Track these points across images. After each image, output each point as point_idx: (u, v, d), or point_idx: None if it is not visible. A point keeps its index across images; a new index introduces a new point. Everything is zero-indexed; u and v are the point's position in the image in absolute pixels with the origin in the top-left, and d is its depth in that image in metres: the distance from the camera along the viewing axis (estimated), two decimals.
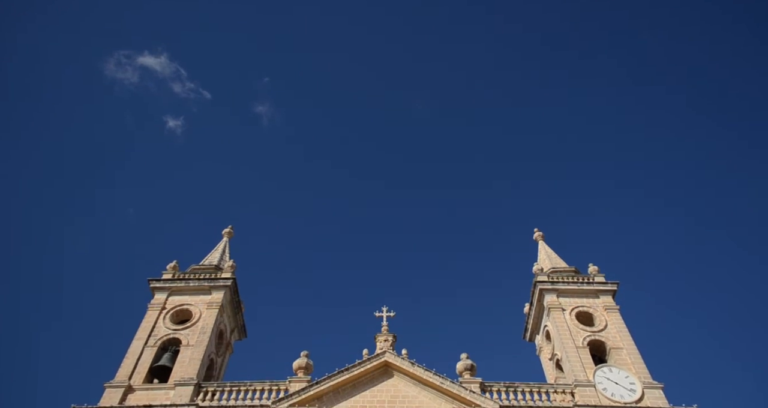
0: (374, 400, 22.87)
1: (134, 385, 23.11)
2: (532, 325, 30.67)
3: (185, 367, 24.01)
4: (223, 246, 33.07)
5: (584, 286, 28.52)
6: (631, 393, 23.19)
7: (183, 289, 27.94)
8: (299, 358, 24.52)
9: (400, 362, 23.89)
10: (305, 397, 22.34)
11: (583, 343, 25.69)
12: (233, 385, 23.37)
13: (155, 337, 25.44)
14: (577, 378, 23.87)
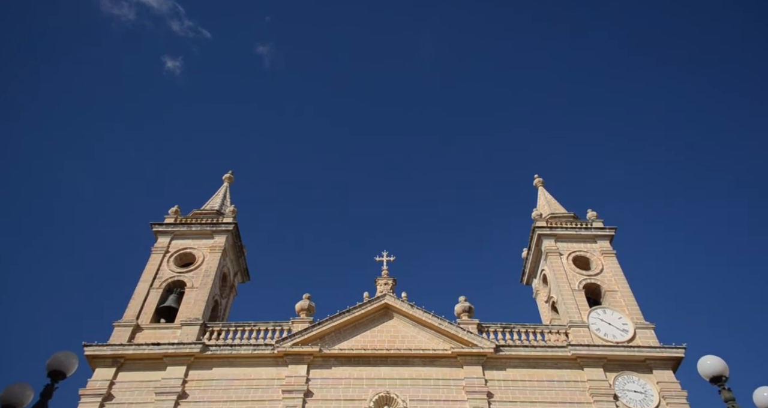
0: (374, 340, 23.65)
1: (142, 325, 23.86)
2: (529, 270, 31.28)
3: (190, 308, 24.70)
4: (224, 191, 33.18)
5: (582, 232, 28.86)
6: (624, 333, 23.98)
7: (185, 233, 28.29)
8: (301, 300, 25.13)
9: (399, 304, 24.53)
10: (308, 337, 23.09)
11: (579, 287, 26.31)
12: (238, 326, 24.10)
13: (160, 280, 26.01)
14: (572, 319, 24.61)
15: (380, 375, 22.25)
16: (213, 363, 22.44)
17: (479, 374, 22.25)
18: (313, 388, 21.76)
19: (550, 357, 22.87)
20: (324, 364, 22.62)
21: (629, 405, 21.31)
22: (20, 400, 8.67)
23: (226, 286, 29.09)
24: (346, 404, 21.27)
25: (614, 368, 22.56)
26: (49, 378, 9.33)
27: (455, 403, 21.41)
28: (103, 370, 21.79)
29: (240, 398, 21.35)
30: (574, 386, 22.03)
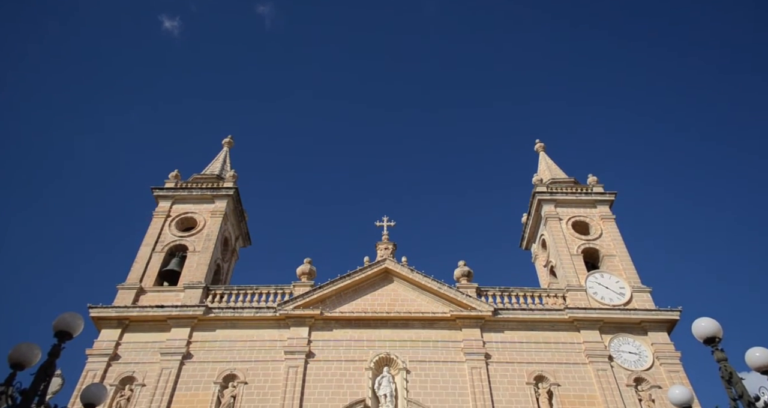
0: (375, 303, 24.02)
1: (145, 288, 24.20)
2: (529, 234, 31.46)
3: (193, 272, 24.99)
4: (224, 155, 33.05)
5: (582, 197, 28.89)
6: (620, 296, 24.33)
7: (186, 197, 28.34)
8: (302, 264, 25.37)
9: (399, 269, 24.80)
10: (309, 300, 23.43)
11: (578, 251, 26.53)
12: (240, 289, 24.43)
13: (162, 244, 26.22)
14: (570, 283, 24.92)
15: (380, 337, 22.70)
16: (216, 325, 22.87)
17: (477, 336, 22.70)
18: (315, 350, 22.24)
19: (547, 320, 23.28)
20: (325, 327, 23.05)
21: (624, 365, 21.83)
22: (28, 360, 8.86)
23: (227, 251, 29.33)
24: (347, 365, 21.78)
25: (610, 330, 23.00)
26: (55, 338, 9.51)
27: (454, 364, 21.92)
28: (108, 331, 22.26)
29: (243, 359, 21.86)
30: (570, 348, 22.51)
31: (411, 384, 21.18)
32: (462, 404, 20.60)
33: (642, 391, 21.10)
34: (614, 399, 20.61)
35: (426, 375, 21.53)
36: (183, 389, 20.79)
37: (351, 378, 21.37)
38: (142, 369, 21.25)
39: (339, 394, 20.77)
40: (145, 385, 20.78)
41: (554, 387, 21.19)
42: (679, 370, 21.48)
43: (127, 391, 20.60)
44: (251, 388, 20.99)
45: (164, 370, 21.17)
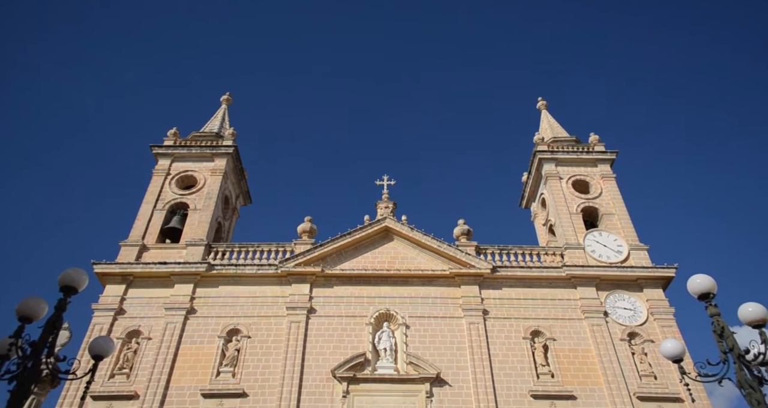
0: (375, 261, 24.31)
1: (148, 245, 24.44)
2: (529, 193, 31.49)
3: (194, 229, 25.18)
4: (223, 113, 32.69)
5: (583, 156, 28.75)
6: (618, 254, 24.60)
7: (186, 155, 28.22)
8: (303, 222, 25.52)
9: (399, 227, 24.96)
10: (310, 258, 23.70)
11: (577, 210, 26.64)
12: (242, 246, 24.68)
13: (163, 201, 26.28)
14: (568, 241, 25.15)
15: (380, 294, 23.11)
16: (219, 281, 23.24)
17: (476, 293, 23.10)
18: (316, 306, 22.67)
19: (544, 277, 23.62)
20: (326, 284, 23.42)
21: (618, 321, 22.32)
22: (35, 313, 9.03)
23: (228, 209, 29.45)
24: (348, 320, 22.26)
25: (606, 287, 23.38)
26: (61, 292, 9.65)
27: (452, 319, 22.40)
28: (113, 287, 22.64)
29: (246, 314, 22.32)
30: (566, 304, 22.95)
31: (410, 339, 21.71)
32: (460, 358, 21.18)
33: (635, 345, 21.67)
34: (607, 352, 21.20)
35: (425, 330, 22.04)
36: (188, 343, 21.35)
37: (352, 333, 21.88)
38: (148, 323, 21.76)
39: (340, 348, 21.32)
40: (151, 338, 21.36)
41: (550, 341, 21.74)
42: (673, 325, 21.98)
43: (133, 345, 21.17)
44: (254, 342, 21.54)
45: (169, 324, 21.68)
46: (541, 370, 20.95)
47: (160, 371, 20.30)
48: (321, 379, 20.46)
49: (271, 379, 20.43)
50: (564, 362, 21.17)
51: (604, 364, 20.90)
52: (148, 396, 19.66)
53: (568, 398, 20.14)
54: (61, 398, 19.45)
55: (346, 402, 19.86)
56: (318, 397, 20.00)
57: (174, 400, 19.79)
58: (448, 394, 20.20)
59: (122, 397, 19.67)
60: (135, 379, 20.23)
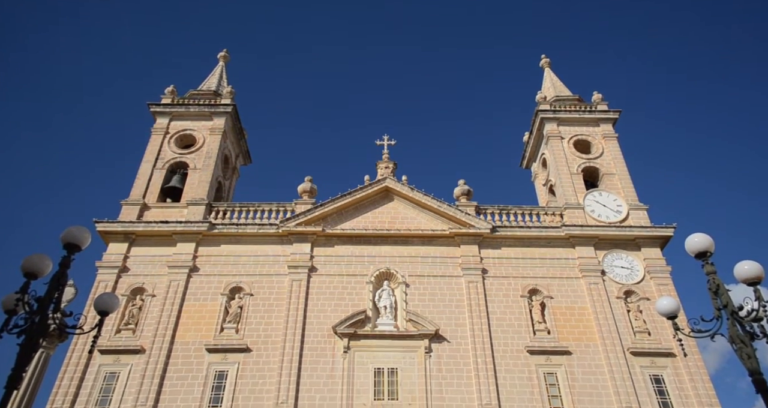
0: (375, 221, 24.44)
1: (149, 204, 24.53)
2: (529, 153, 31.34)
3: (195, 189, 25.19)
4: (220, 70, 32.13)
5: (585, 115, 28.44)
6: (617, 214, 24.71)
7: (184, 114, 27.92)
8: (304, 182, 25.51)
9: (399, 187, 24.97)
10: (311, 218, 23.81)
11: (578, 170, 26.58)
12: (242, 206, 24.76)
13: (162, 160, 26.20)
14: (568, 201, 25.21)
15: (381, 253, 23.35)
16: (220, 240, 23.44)
17: (475, 253, 23.34)
18: (317, 265, 22.95)
19: (543, 237, 23.81)
20: (327, 243, 23.62)
21: (615, 279, 22.66)
22: (40, 269, 9.13)
23: (228, 168, 29.38)
24: (349, 279, 22.58)
25: (604, 246, 23.60)
26: (65, 250, 9.73)
27: (451, 278, 22.72)
28: (116, 245, 22.88)
29: (248, 272, 22.63)
30: (564, 263, 23.23)
31: (410, 297, 22.09)
32: (458, 315, 21.62)
33: (631, 303, 22.09)
34: (603, 310, 21.62)
35: (425, 288, 22.40)
36: (192, 300, 21.75)
37: (352, 291, 22.25)
38: (151, 281, 22.10)
39: (341, 306, 21.73)
40: (155, 295, 21.75)
41: (547, 299, 22.14)
42: (669, 283, 22.32)
43: (138, 301, 21.59)
44: (257, 299, 21.94)
45: (172, 282, 22.02)
46: (538, 326, 21.42)
47: (165, 327, 20.78)
48: (322, 336, 20.95)
49: (274, 335, 20.92)
50: (560, 319, 21.62)
51: (599, 321, 21.35)
52: (154, 350, 20.19)
53: (563, 353, 20.69)
54: (69, 351, 20.01)
55: (347, 357, 20.40)
56: (320, 353, 20.54)
57: (179, 354, 20.33)
58: (447, 350, 20.73)
59: (129, 351, 20.23)
60: (141, 335, 20.73)
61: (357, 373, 20.03)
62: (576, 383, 20.01)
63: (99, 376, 19.68)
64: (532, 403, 19.55)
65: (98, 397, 19.22)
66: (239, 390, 19.61)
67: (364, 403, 19.41)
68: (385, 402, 19.43)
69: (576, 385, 19.97)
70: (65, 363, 19.77)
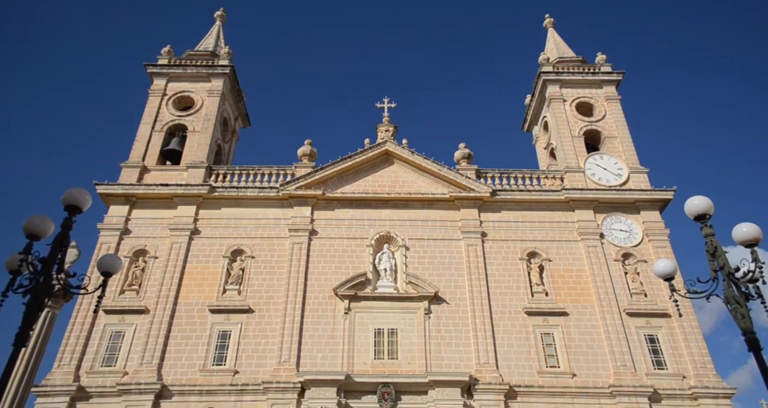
0: (375, 184, 24.43)
1: (149, 166, 24.47)
2: (531, 116, 31.03)
3: (194, 151, 25.07)
4: (217, 30, 31.44)
5: (588, 77, 27.99)
6: (618, 177, 24.67)
7: (181, 75, 27.48)
8: (303, 145, 25.36)
9: (400, 151, 24.84)
10: (311, 181, 23.79)
11: (579, 133, 26.38)
12: (242, 169, 24.70)
13: (161, 123, 25.97)
14: (569, 165, 25.13)
15: (381, 216, 23.45)
16: (221, 203, 23.51)
17: (475, 216, 23.43)
18: (318, 228, 23.08)
19: (543, 200, 23.85)
20: (327, 206, 23.69)
21: (613, 242, 22.84)
22: (42, 230, 9.17)
23: (227, 131, 29.15)
24: (349, 242, 22.76)
25: (604, 210, 23.68)
26: (66, 212, 9.76)
27: (451, 241, 22.90)
28: (117, 207, 22.97)
29: (249, 235, 22.79)
30: (563, 226, 23.36)
31: (410, 259, 22.32)
32: (458, 278, 21.90)
33: (628, 266, 22.36)
34: (601, 272, 21.90)
35: (424, 252, 22.61)
36: (194, 262, 21.99)
37: (353, 254, 22.46)
38: (153, 243, 22.30)
39: (342, 269, 21.98)
40: (158, 257, 21.98)
41: (546, 262, 22.37)
42: (666, 246, 22.51)
43: (140, 263, 21.84)
44: (258, 262, 22.17)
45: (174, 244, 22.21)
46: (536, 289, 21.74)
47: (168, 288, 21.10)
48: (323, 297, 21.28)
49: (276, 296, 21.25)
50: (558, 281, 21.92)
51: (597, 283, 21.65)
52: (158, 311, 20.57)
53: (560, 314, 21.06)
54: (75, 311, 20.40)
55: (348, 318, 20.79)
56: (321, 314, 20.91)
57: (183, 314, 20.72)
58: (446, 311, 21.09)
59: (133, 311, 20.61)
60: (144, 295, 21.07)
61: (357, 334, 20.46)
62: (572, 343, 20.45)
63: (105, 334, 20.15)
64: (529, 362, 20.04)
65: (105, 355, 19.74)
66: (242, 349, 20.08)
67: (364, 362, 19.89)
68: (385, 361, 19.91)
69: (572, 344, 20.42)
70: (71, 322, 20.20)
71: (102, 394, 18.83)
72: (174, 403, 18.87)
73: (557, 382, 19.58)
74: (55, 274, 9.28)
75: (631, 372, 19.64)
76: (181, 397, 18.97)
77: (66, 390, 18.60)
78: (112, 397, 18.77)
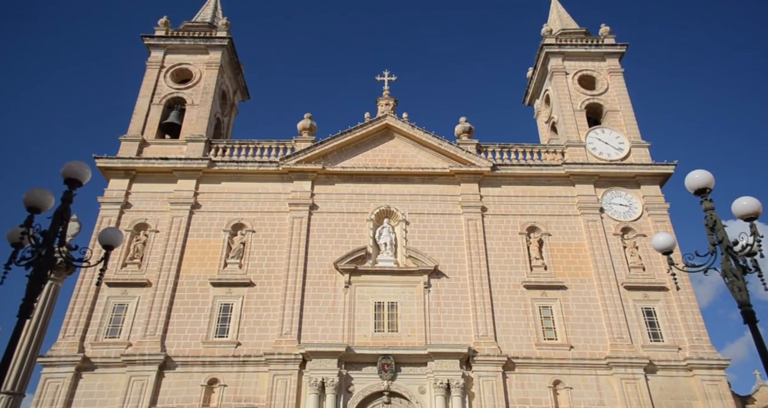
0: (375, 159, 24.35)
1: (148, 140, 24.34)
2: (533, 90, 30.70)
3: (193, 125, 24.91)
4: (214, 1, 30.84)
5: (592, 49, 27.58)
6: (619, 151, 24.56)
7: (179, 47, 27.08)
8: (303, 119, 25.18)
9: (400, 125, 24.67)
10: (311, 156, 23.71)
11: (581, 107, 26.14)
12: (242, 143, 24.59)
13: (159, 96, 25.72)
14: (570, 139, 24.99)
15: (381, 191, 23.45)
16: (221, 177, 23.48)
17: (475, 191, 23.43)
18: (318, 202, 23.11)
19: (544, 175, 23.81)
20: (327, 181, 23.67)
21: (613, 217, 22.89)
22: (42, 203, 9.16)
23: (226, 105, 28.90)
24: (350, 217, 22.82)
25: (604, 184, 23.66)
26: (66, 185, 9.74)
27: (451, 216, 22.95)
28: (117, 181, 22.95)
29: (250, 209, 22.84)
30: (563, 201, 23.38)
31: (410, 234, 22.41)
32: (457, 252, 22.03)
33: (627, 240, 22.46)
34: (600, 246, 22.02)
35: (424, 226, 22.68)
36: (195, 236, 22.10)
37: (353, 228, 22.54)
38: (154, 217, 22.36)
39: (342, 243, 22.09)
40: (159, 231, 22.09)
41: (545, 236, 22.47)
42: (666, 220, 22.57)
43: (142, 237, 21.94)
44: (259, 236, 22.28)
45: (175, 218, 22.28)
46: (535, 263, 21.89)
47: (169, 262, 21.25)
48: (324, 271, 21.45)
49: (276, 270, 21.42)
50: (557, 256, 22.06)
51: (595, 257, 21.80)
52: (160, 283, 20.77)
53: (558, 288, 21.26)
54: (77, 284, 20.62)
55: (348, 291, 21.00)
56: (321, 287, 21.11)
57: (185, 288, 20.93)
58: (445, 285, 21.29)
59: (136, 284, 20.81)
60: (146, 269, 21.24)
61: (358, 307, 20.70)
62: (570, 316, 20.70)
63: (108, 307, 20.41)
64: (527, 334, 20.32)
65: (108, 327, 20.04)
66: (244, 321, 20.35)
67: (365, 334, 20.17)
68: (385, 334, 20.19)
69: (570, 317, 20.67)
70: (74, 294, 20.44)
71: (107, 365, 19.18)
72: (178, 373, 19.22)
73: (555, 353, 19.89)
74: (57, 247, 9.31)
75: (628, 344, 19.94)
76: (184, 367, 19.32)
77: (71, 360, 18.94)
78: (116, 368, 19.12)
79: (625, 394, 18.96)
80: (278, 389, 18.87)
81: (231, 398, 18.86)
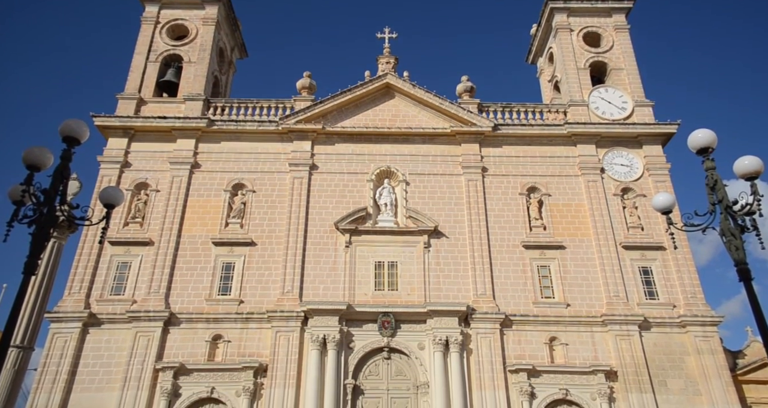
0: (376, 118, 24.11)
1: (145, 98, 24.03)
2: (536, 47, 30.02)
3: (191, 83, 24.54)
4: None
5: (598, 4, 26.79)
6: (622, 111, 24.28)
7: (174, 1, 26.30)
8: (302, 78, 24.79)
9: (401, 84, 24.31)
10: (311, 115, 23.47)
11: (585, 65, 25.66)
12: (241, 102, 24.28)
13: (155, 53, 25.21)
14: (573, 98, 24.66)
15: (381, 151, 23.33)
16: (220, 137, 23.32)
17: (476, 151, 23.31)
18: (318, 163, 23.04)
19: (546, 135, 23.63)
20: (327, 141, 23.52)
21: (614, 177, 22.87)
22: (42, 161, 9.12)
23: (224, 62, 28.37)
24: (350, 177, 22.80)
25: (606, 144, 23.51)
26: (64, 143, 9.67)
27: (451, 176, 22.92)
28: (116, 140, 22.83)
29: (250, 169, 22.80)
30: (564, 161, 23.30)
31: (410, 194, 22.45)
32: (457, 212, 22.12)
33: (627, 200, 22.52)
34: (599, 206, 22.11)
35: (425, 187, 22.70)
36: (195, 196, 22.15)
37: (353, 189, 22.56)
38: (154, 176, 22.36)
39: (342, 203, 22.16)
40: (159, 190, 22.13)
41: (545, 197, 22.52)
42: (666, 180, 22.55)
43: (143, 196, 22.02)
44: (259, 196, 22.33)
45: (175, 177, 22.27)
46: (534, 223, 22.03)
47: (171, 221, 21.40)
48: (325, 231, 21.60)
49: (278, 230, 21.58)
50: (557, 216, 22.17)
51: (594, 217, 21.91)
52: (162, 243, 20.98)
53: (557, 248, 21.47)
54: (81, 242, 20.85)
55: (349, 251, 21.22)
56: (322, 247, 21.32)
57: (187, 247, 21.14)
58: (445, 245, 21.49)
59: (138, 243, 21.03)
60: (148, 228, 21.41)
61: (358, 266, 20.97)
62: (568, 275, 21.00)
63: (112, 265, 20.69)
64: (525, 293, 20.67)
65: (113, 285, 20.39)
66: (246, 280, 20.66)
67: (365, 293, 20.51)
68: (385, 292, 20.53)
69: (567, 276, 20.97)
70: (78, 252, 20.70)
71: (113, 321, 19.63)
72: (182, 329, 19.69)
73: (551, 311, 20.29)
74: (58, 205, 9.33)
75: (624, 302, 20.31)
76: (189, 323, 19.76)
77: (78, 316, 19.38)
78: (122, 324, 19.57)
79: (620, 349, 19.47)
80: (281, 345, 19.37)
81: (235, 353, 19.37)
